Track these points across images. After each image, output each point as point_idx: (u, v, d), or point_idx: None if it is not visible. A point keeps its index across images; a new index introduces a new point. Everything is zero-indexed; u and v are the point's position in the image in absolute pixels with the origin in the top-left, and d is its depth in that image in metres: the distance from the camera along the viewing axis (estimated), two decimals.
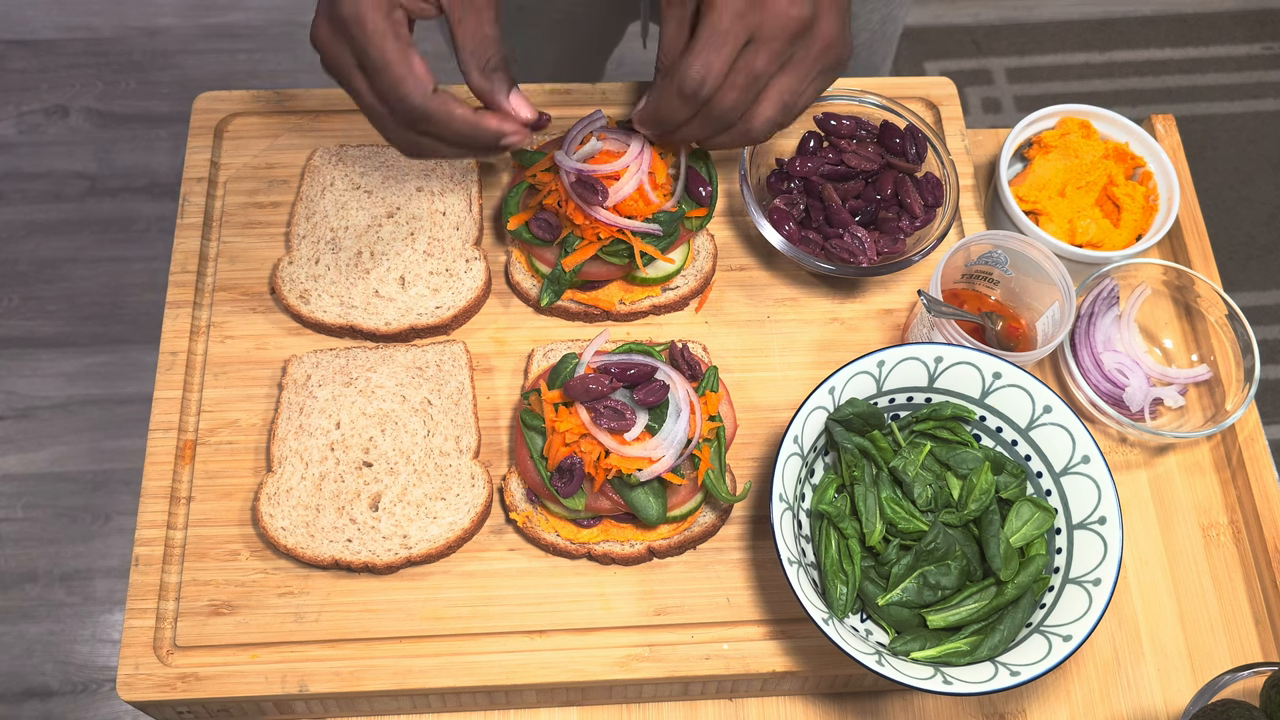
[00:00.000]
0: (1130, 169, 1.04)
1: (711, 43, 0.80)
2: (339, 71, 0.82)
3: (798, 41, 0.82)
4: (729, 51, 0.81)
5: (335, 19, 0.78)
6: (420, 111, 0.80)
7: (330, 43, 0.80)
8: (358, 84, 0.82)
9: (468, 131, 0.83)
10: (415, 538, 0.87)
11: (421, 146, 0.85)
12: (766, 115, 0.85)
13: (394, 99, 0.80)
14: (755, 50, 0.82)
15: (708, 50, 0.81)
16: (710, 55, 0.81)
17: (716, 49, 0.81)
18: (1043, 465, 0.87)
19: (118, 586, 1.90)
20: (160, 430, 0.92)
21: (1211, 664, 0.91)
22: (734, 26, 0.80)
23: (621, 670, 0.85)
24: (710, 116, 0.84)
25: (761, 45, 0.81)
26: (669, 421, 0.86)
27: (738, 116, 0.84)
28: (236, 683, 0.84)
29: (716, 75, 0.81)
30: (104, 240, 2.19)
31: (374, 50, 0.78)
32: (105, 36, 2.40)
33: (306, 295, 0.96)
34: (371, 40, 0.78)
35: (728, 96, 0.83)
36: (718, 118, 0.84)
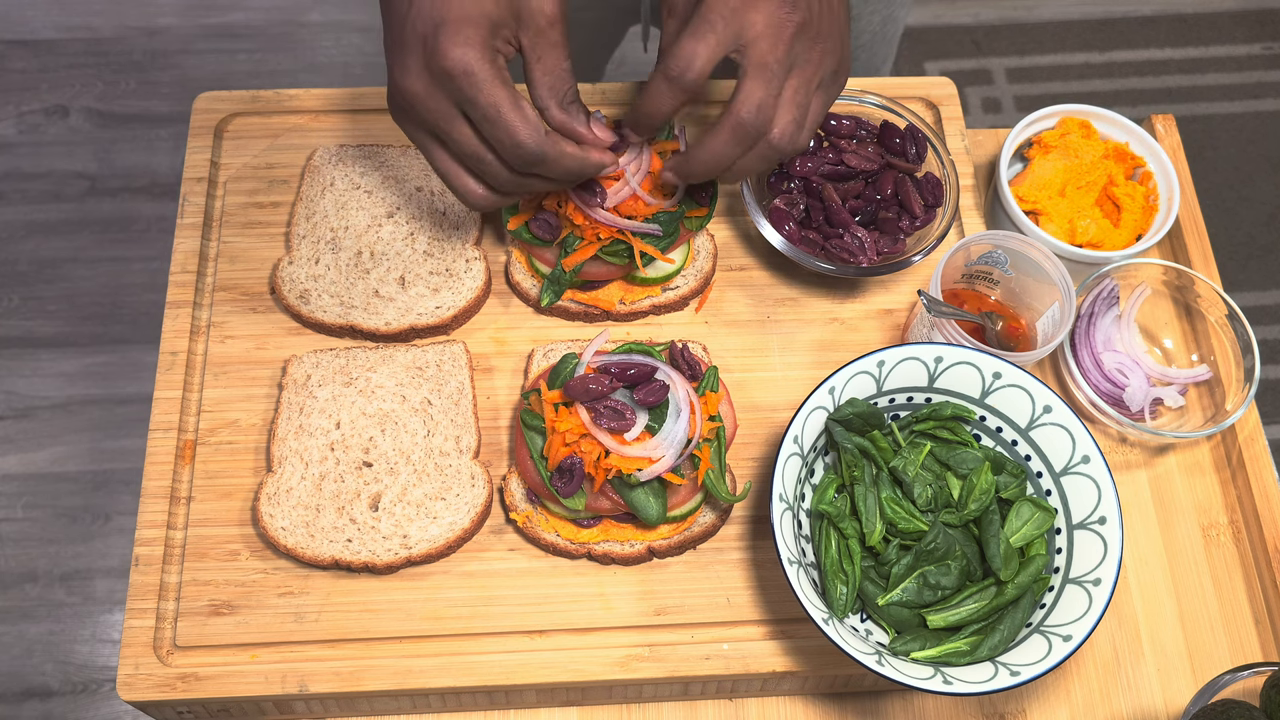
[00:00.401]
0: (1130, 169, 1.04)
1: (699, 29, 0.79)
2: (436, 123, 0.80)
3: (799, 42, 0.82)
4: (715, 40, 0.79)
5: (438, 72, 0.77)
6: (537, 155, 0.80)
7: (429, 95, 0.78)
8: (458, 133, 0.80)
9: (577, 168, 0.84)
10: (415, 538, 0.87)
11: (521, 187, 0.84)
12: (785, 120, 0.82)
13: (509, 145, 0.79)
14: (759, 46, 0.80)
15: (694, 36, 0.79)
16: (696, 42, 0.79)
17: (703, 35, 0.79)
18: (1043, 465, 0.86)
19: (118, 586, 1.90)
20: (160, 430, 0.92)
21: (1211, 664, 0.91)
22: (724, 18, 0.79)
23: (621, 670, 0.85)
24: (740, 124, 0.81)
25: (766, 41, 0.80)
26: (669, 421, 0.86)
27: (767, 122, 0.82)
28: (236, 683, 0.84)
29: (703, 61, 0.80)
30: (104, 240, 2.19)
31: (486, 99, 0.78)
32: (105, 36, 2.40)
33: (306, 295, 0.96)
34: (483, 90, 0.77)
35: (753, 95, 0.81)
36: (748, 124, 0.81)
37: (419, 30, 0.78)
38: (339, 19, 2.46)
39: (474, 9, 0.77)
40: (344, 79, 2.38)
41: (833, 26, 0.84)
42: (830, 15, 0.84)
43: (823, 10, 0.83)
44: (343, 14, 2.47)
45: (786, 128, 0.83)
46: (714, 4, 0.79)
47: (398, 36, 0.79)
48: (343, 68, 2.41)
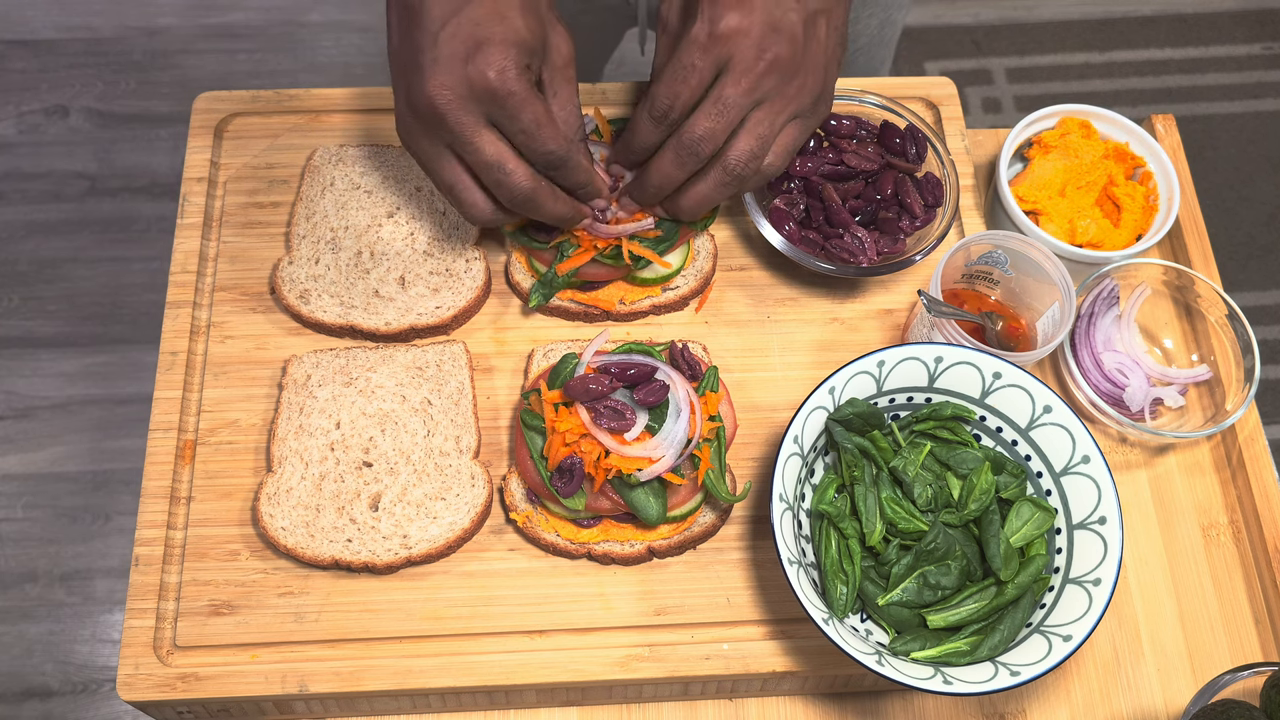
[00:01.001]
0: (1130, 169, 1.04)
1: (679, 73, 0.84)
2: (461, 133, 0.82)
3: (770, 78, 0.84)
4: (697, 79, 0.84)
5: (478, 88, 0.80)
6: (561, 160, 0.85)
7: (460, 108, 0.81)
8: (482, 141, 0.82)
9: (586, 179, 0.89)
10: (415, 538, 0.87)
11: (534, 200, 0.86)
12: (743, 149, 0.86)
13: (541, 151, 0.84)
14: (724, 80, 0.84)
15: (675, 80, 0.84)
16: (678, 85, 0.84)
17: (684, 79, 0.84)
18: (1043, 465, 0.86)
19: (118, 586, 1.89)
20: (160, 430, 0.92)
21: (1211, 664, 0.91)
22: (702, 59, 0.83)
23: (621, 670, 0.85)
24: (682, 146, 0.85)
25: (731, 76, 0.83)
26: (669, 421, 0.86)
27: (709, 149, 0.85)
28: (236, 683, 0.84)
29: (685, 100, 0.84)
30: (104, 240, 2.19)
31: (529, 116, 0.82)
32: (105, 36, 2.40)
33: (306, 295, 0.96)
34: (525, 107, 0.81)
35: (698, 123, 0.85)
36: (688, 147, 0.85)
37: (456, 48, 0.80)
38: (339, 19, 2.46)
39: (514, 34, 0.80)
40: (344, 79, 2.38)
41: (816, 59, 0.86)
42: (815, 47, 0.86)
43: (807, 43, 0.85)
44: (343, 14, 2.47)
45: (743, 154, 0.86)
46: (692, 41, 0.83)
47: (426, 50, 0.81)
48: (343, 68, 2.41)
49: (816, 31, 0.86)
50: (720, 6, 0.82)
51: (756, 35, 0.83)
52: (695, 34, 0.83)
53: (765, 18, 0.83)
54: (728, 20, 0.82)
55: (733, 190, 0.89)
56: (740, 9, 0.82)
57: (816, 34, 0.86)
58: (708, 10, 0.83)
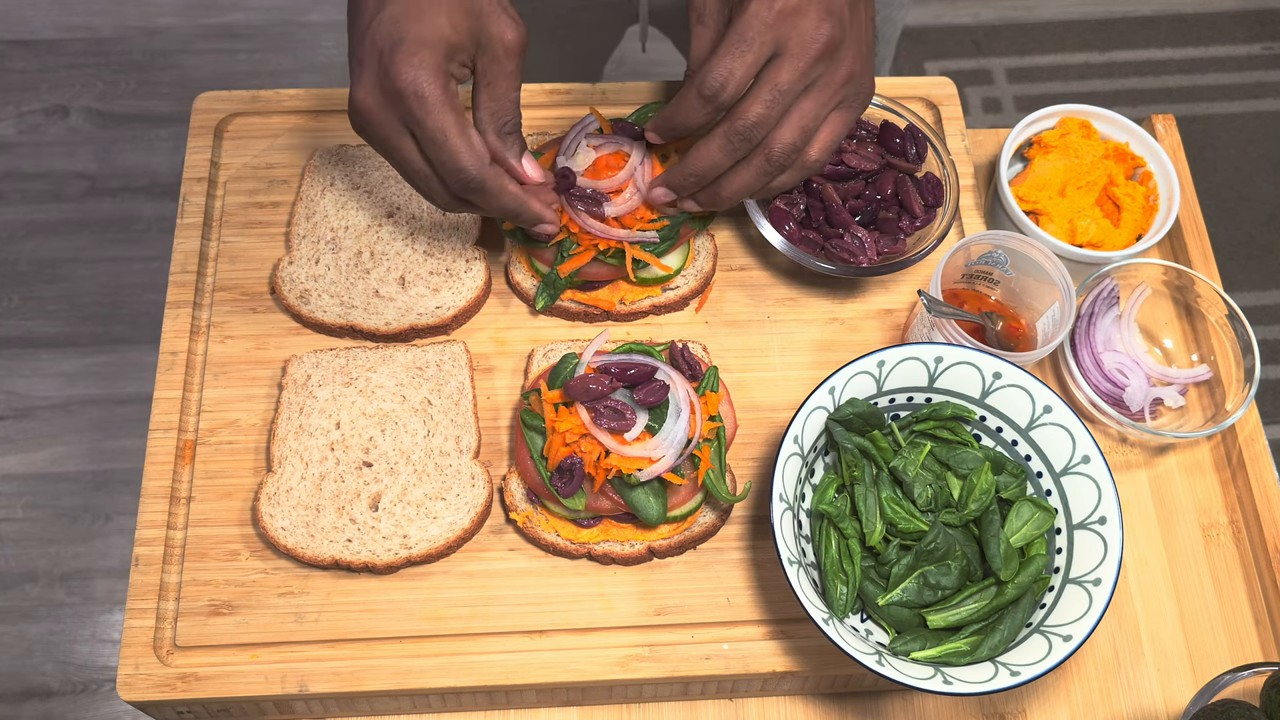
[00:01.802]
0: (1130, 169, 1.04)
1: (737, 48, 0.80)
2: (385, 139, 0.81)
3: (822, 63, 0.82)
4: (752, 59, 0.80)
5: (390, 90, 0.77)
6: (476, 183, 0.81)
7: (379, 112, 0.79)
8: (405, 151, 0.81)
9: (514, 207, 0.85)
10: (415, 538, 0.87)
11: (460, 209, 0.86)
12: (787, 139, 0.83)
13: (451, 169, 0.80)
14: (780, 64, 0.81)
15: (731, 55, 0.80)
16: (733, 60, 0.80)
17: (740, 54, 0.80)
18: (1043, 465, 0.86)
19: (118, 586, 1.89)
20: (160, 430, 0.92)
21: (1211, 664, 0.91)
22: (761, 35, 0.80)
23: (621, 670, 0.85)
24: (734, 132, 0.82)
25: (787, 60, 0.81)
26: (669, 421, 0.86)
27: (761, 135, 0.82)
28: (236, 683, 0.84)
29: (738, 81, 0.80)
30: (104, 240, 2.19)
31: (433, 123, 0.78)
32: (105, 36, 2.40)
33: (306, 295, 0.96)
34: (432, 113, 0.78)
35: (752, 110, 0.81)
36: (741, 133, 0.82)
37: (377, 46, 0.78)
38: (339, 19, 2.46)
39: (431, 32, 0.77)
40: (344, 79, 2.37)
41: (861, 44, 0.84)
42: (859, 32, 0.83)
43: (854, 26, 0.83)
44: (342, 13, 2.46)
45: (788, 144, 0.83)
46: (751, 19, 0.79)
47: (356, 50, 0.80)
48: (342, 68, 2.40)
49: (859, 16, 0.84)
50: None
51: (813, 17, 0.80)
52: (756, 10, 0.79)
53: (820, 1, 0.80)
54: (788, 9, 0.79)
55: (771, 180, 0.86)
56: None
57: (859, 18, 0.84)
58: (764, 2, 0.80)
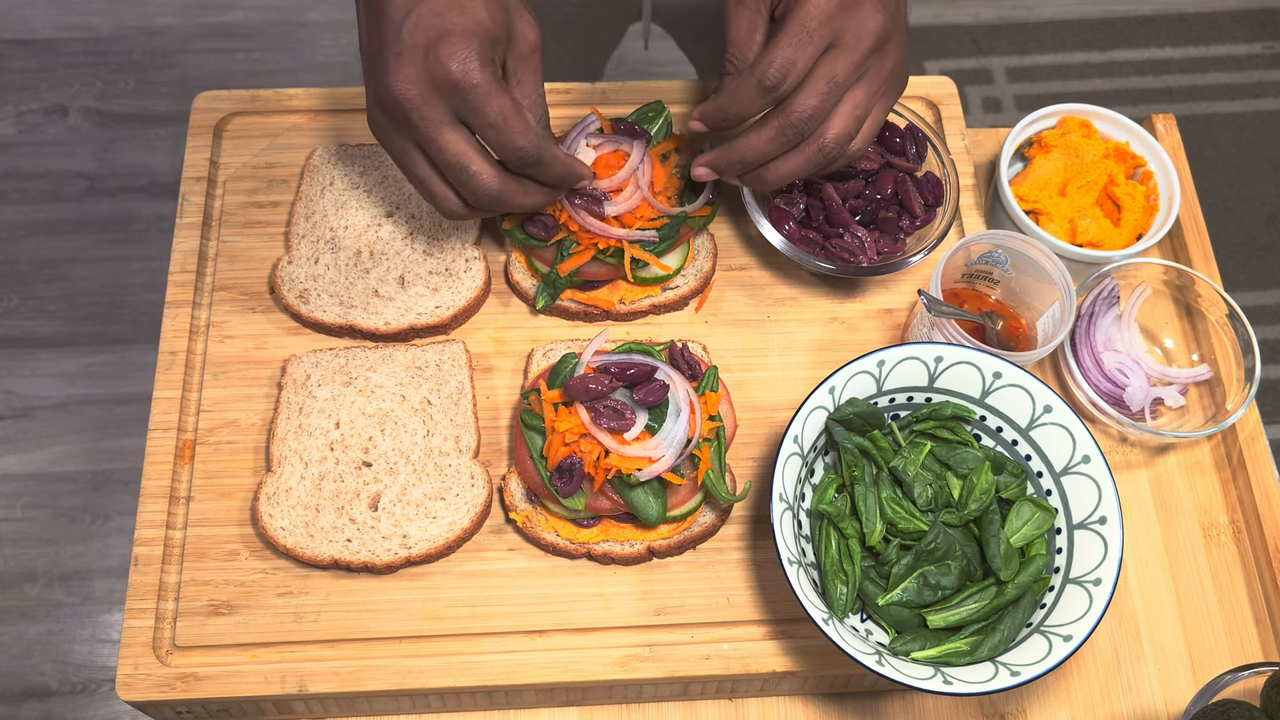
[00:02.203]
0: (1130, 168, 1.04)
1: (799, 39, 0.80)
2: (424, 129, 0.80)
3: (874, 54, 0.82)
4: (813, 51, 0.81)
5: (441, 82, 0.78)
6: (535, 157, 0.82)
7: (423, 103, 0.79)
8: (445, 140, 0.80)
9: (565, 171, 0.86)
10: (415, 537, 0.87)
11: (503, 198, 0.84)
12: (840, 130, 0.84)
13: (512, 149, 0.81)
14: (836, 56, 0.81)
15: (793, 46, 0.80)
16: (794, 51, 0.80)
17: (802, 46, 0.80)
18: (1043, 465, 0.86)
19: (117, 586, 1.89)
20: (159, 430, 0.92)
21: (1212, 664, 0.91)
22: (822, 27, 0.80)
23: (621, 670, 0.85)
24: (789, 124, 0.83)
25: (843, 51, 0.81)
26: (669, 421, 0.85)
27: (815, 126, 0.83)
28: (236, 683, 0.84)
29: (799, 72, 0.81)
30: (103, 240, 2.19)
31: (494, 108, 0.79)
32: (104, 36, 2.40)
33: (306, 295, 0.96)
34: (492, 99, 0.79)
35: (808, 101, 0.82)
36: (795, 125, 0.83)
37: (418, 40, 0.78)
38: (338, 18, 2.46)
39: (475, 24, 0.78)
40: (343, 78, 2.38)
41: (901, 32, 0.84)
42: (902, 20, 0.84)
43: (896, 14, 0.83)
44: (342, 13, 2.47)
45: (840, 135, 0.84)
46: (814, 10, 0.80)
47: (389, 44, 0.79)
48: (342, 67, 2.40)
49: (902, 4, 0.84)
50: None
51: (868, 8, 0.81)
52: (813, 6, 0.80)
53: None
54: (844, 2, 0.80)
55: (819, 170, 0.87)
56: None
57: (902, 7, 0.84)
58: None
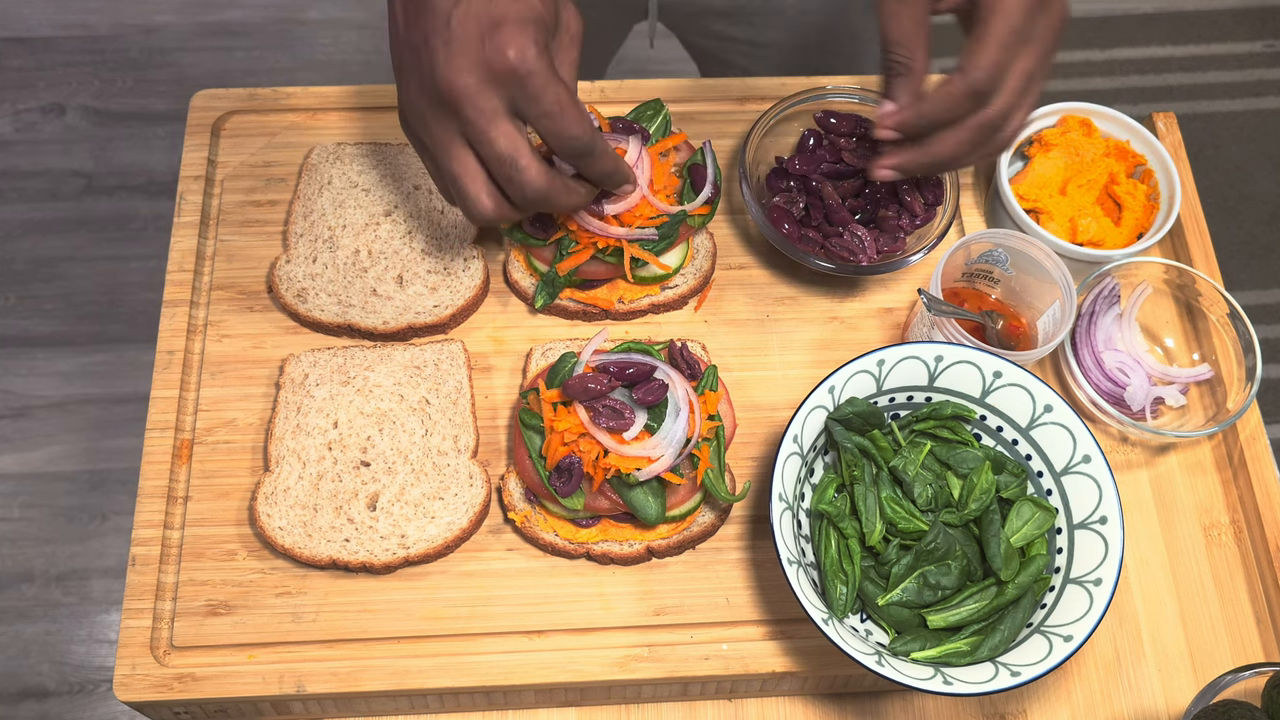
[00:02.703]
0: (1131, 167, 1.03)
1: (1008, 40, 0.79)
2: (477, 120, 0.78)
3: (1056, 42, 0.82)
4: (1018, 51, 0.80)
5: (500, 70, 0.76)
6: (587, 147, 0.81)
7: (479, 93, 0.77)
8: (498, 131, 0.78)
9: (615, 167, 0.85)
10: (413, 537, 0.87)
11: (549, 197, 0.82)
12: (1022, 118, 0.83)
13: (567, 138, 0.79)
14: (1030, 50, 0.81)
15: (1004, 48, 0.79)
16: (1005, 54, 0.79)
17: (1011, 47, 0.79)
18: (1043, 464, 0.86)
19: (114, 586, 1.89)
20: (157, 430, 0.92)
21: (1213, 664, 0.90)
22: (1026, 24, 0.79)
23: (620, 671, 0.85)
24: (984, 124, 0.82)
25: (1035, 44, 0.81)
26: (668, 421, 0.85)
27: (1008, 122, 0.82)
28: (233, 683, 0.83)
29: (1005, 74, 0.80)
30: (101, 239, 2.19)
31: (552, 96, 0.77)
32: (102, 34, 2.40)
33: (304, 294, 0.96)
34: (549, 87, 0.77)
35: (1006, 101, 0.81)
36: (993, 123, 0.82)
37: (470, 28, 0.76)
38: (337, 16, 2.46)
39: (530, 11, 0.77)
40: (342, 76, 2.37)
41: None
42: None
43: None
44: (340, 11, 2.46)
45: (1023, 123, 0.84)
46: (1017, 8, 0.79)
47: (439, 32, 0.77)
48: (340, 65, 2.40)
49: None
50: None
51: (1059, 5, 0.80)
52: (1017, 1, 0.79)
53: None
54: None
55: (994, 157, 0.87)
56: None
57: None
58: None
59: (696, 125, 1.07)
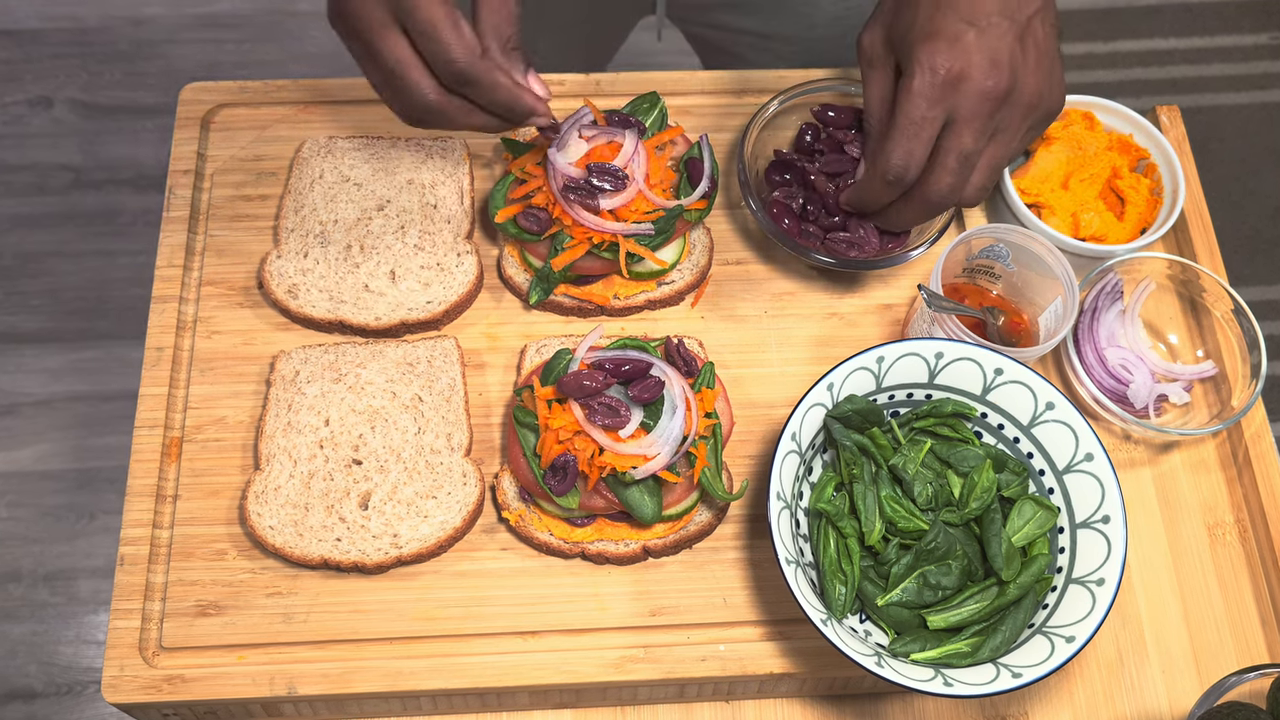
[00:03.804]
0: (1134, 161, 1.03)
1: (909, 130, 0.82)
2: (365, 32, 0.80)
3: (1000, 112, 0.83)
4: (928, 135, 0.83)
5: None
6: (468, 75, 0.80)
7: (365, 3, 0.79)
8: (386, 45, 0.80)
9: (507, 100, 0.83)
10: (406, 537, 0.87)
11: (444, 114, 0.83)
12: (978, 184, 0.86)
13: (442, 61, 0.80)
14: (959, 130, 0.83)
15: (906, 138, 0.83)
16: (910, 143, 0.83)
17: (915, 135, 0.83)
18: (1045, 463, 0.86)
19: (103, 586, 1.89)
20: (146, 427, 0.92)
21: (1217, 665, 0.90)
22: (930, 112, 0.82)
23: (616, 672, 0.85)
24: (926, 201, 0.86)
25: (964, 125, 0.83)
26: (664, 418, 0.85)
27: (956, 196, 0.86)
28: (223, 685, 0.83)
29: (919, 161, 0.84)
30: (89, 234, 2.18)
31: (423, 14, 0.78)
32: (90, 26, 2.39)
33: (295, 290, 0.96)
34: (420, 6, 0.78)
35: (942, 180, 0.84)
36: (933, 202, 0.86)
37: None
38: None
39: None
40: (333, 69, 2.36)
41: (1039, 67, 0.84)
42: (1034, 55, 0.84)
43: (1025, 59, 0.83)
44: None
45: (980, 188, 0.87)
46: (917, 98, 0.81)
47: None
48: (331, 58, 2.39)
49: (1033, 38, 0.85)
50: (935, 53, 0.81)
51: (978, 77, 0.81)
52: (918, 88, 0.81)
53: (983, 54, 0.81)
54: (947, 67, 0.81)
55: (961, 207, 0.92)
56: (954, 50, 0.81)
57: (1034, 41, 0.85)
58: (924, 59, 0.81)
59: (694, 118, 1.07)
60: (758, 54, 1.26)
